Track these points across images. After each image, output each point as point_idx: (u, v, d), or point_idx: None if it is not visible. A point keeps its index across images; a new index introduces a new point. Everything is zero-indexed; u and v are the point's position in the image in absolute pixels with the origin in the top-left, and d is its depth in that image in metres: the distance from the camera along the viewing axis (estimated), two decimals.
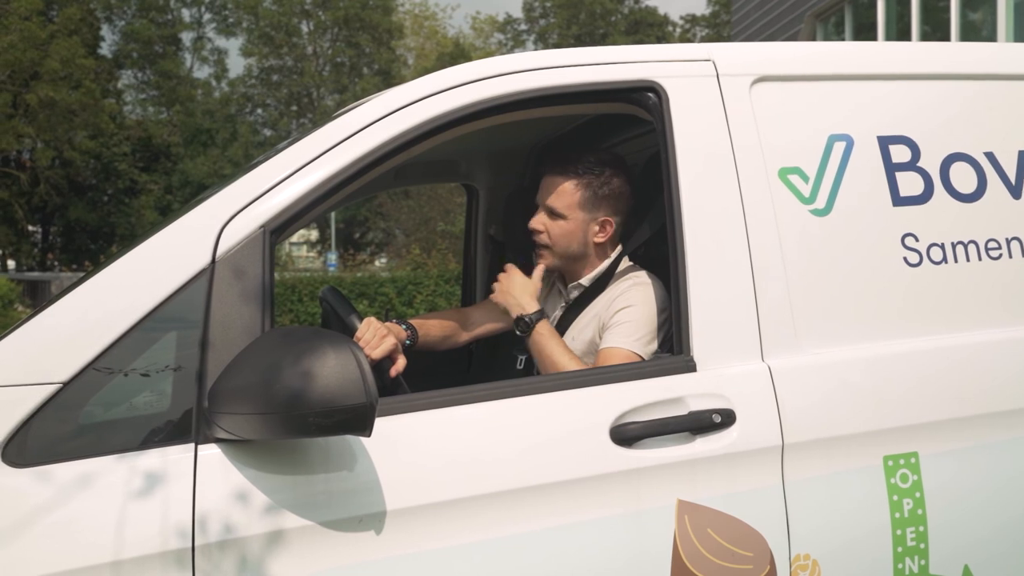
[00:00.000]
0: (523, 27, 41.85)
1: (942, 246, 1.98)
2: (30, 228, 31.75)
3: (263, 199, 1.69)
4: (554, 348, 2.03)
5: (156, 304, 1.59)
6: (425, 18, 38.29)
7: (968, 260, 1.99)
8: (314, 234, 36.24)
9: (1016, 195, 2.06)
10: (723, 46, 2.02)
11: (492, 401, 1.71)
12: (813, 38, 12.33)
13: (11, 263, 32.03)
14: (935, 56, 2.15)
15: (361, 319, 2.04)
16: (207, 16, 37.63)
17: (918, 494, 1.84)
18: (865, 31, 11.55)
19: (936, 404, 1.89)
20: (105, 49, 34.43)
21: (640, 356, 1.99)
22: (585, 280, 2.20)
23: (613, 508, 1.70)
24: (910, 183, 1.99)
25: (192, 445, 1.54)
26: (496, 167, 3.17)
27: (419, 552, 1.61)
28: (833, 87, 2.01)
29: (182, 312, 1.60)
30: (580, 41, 36.73)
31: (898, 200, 1.97)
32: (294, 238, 39.16)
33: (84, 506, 1.47)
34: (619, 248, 2.23)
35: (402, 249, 17.00)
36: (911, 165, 2.00)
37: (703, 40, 36.89)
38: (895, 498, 1.82)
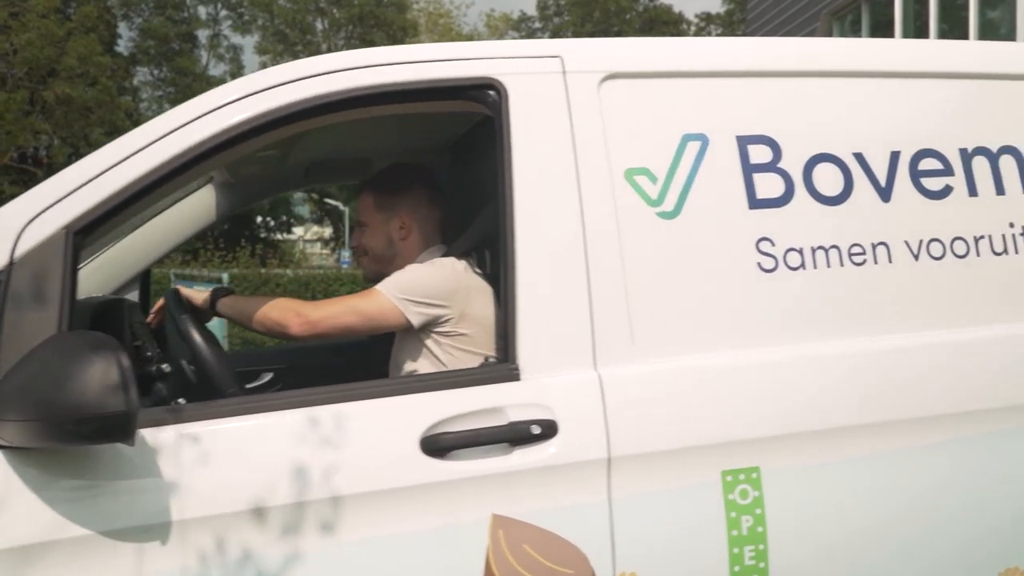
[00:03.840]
0: (537, 25, 41.74)
1: (801, 251, 1.89)
2: None
3: (67, 200, 1.65)
4: (244, 305, 2.09)
5: None
6: (439, 16, 38.20)
7: (829, 266, 1.90)
8: (328, 231, 36.36)
9: (885, 198, 1.96)
10: (575, 42, 1.95)
11: (298, 409, 1.65)
12: (828, 36, 12.07)
13: None
14: (802, 52, 2.05)
15: (197, 325, 2.00)
16: (223, 13, 37.84)
17: (758, 511, 1.76)
18: (882, 29, 11.30)
19: (781, 417, 1.81)
20: (122, 46, 34.70)
21: (395, 305, 1.98)
22: None
23: (421, 522, 1.63)
24: (769, 185, 1.90)
25: None
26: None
27: (214, 563, 1.55)
28: (690, 84, 1.93)
29: None
30: None
31: (755, 203, 1.89)
32: (308, 235, 39.31)
33: None
34: (438, 247, 2.22)
35: None
36: (771, 166, 1.91)
37: None
38: (733, 515, 1.74)
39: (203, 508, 1.56)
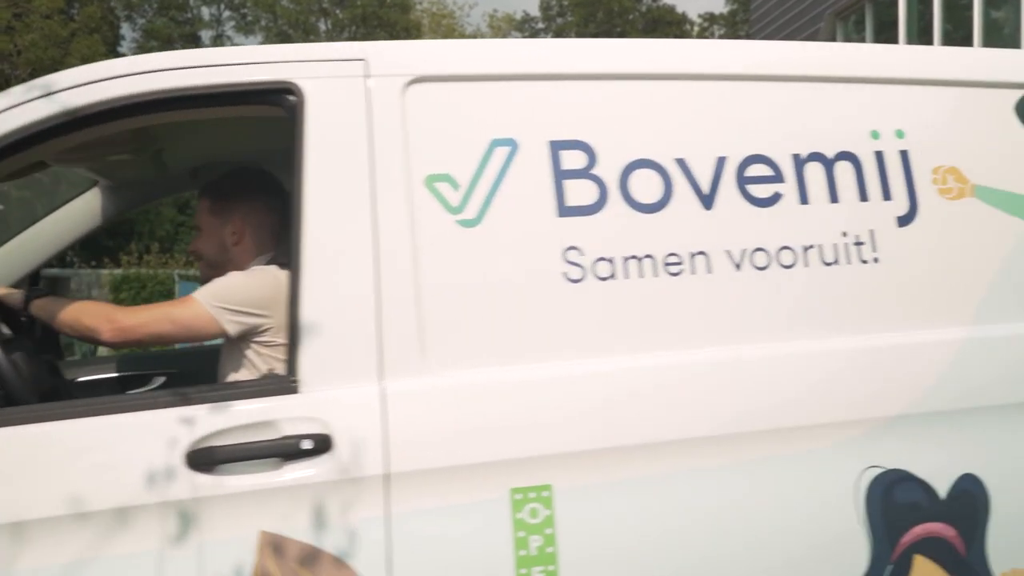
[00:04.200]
0: (540, 25, 41.65)
1: (611, 261, 1.83)
2: None
3: None
4: (57, 308, 1.99)
5: None
6: (443, 16, 38.17)
7: (642, 276, 1.84)
8: None
9: (708, 205, 1.90)
10: (381, 45, 1.89)
11: (56, 421, 1.61)
12: (833, 37, 11.93)
13: None
14: (623, 54, 1.98)
15: (8, 333, 1.96)
16: (226, 14, 37.99)
17: (549, 531, 1.70)
18: (886, 30, 11.16)
19: (576, 434, 1.74)
20: (125, 47, 34.87)
21: (210, 313, 1.94)
22: None
23: (184, 537, 1.58)
24: (580, 192, 1.84)
25: None
26: None
27: None
28: (501, 88, 1.87)
29: None
30: None
31: (564, 210, 1.83)
32: None
33: None
34: (268, 255, 2.18)
35: None
36: (584, 172, 1.85)
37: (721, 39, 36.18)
38: (522, 534, 1.69)
39: None
